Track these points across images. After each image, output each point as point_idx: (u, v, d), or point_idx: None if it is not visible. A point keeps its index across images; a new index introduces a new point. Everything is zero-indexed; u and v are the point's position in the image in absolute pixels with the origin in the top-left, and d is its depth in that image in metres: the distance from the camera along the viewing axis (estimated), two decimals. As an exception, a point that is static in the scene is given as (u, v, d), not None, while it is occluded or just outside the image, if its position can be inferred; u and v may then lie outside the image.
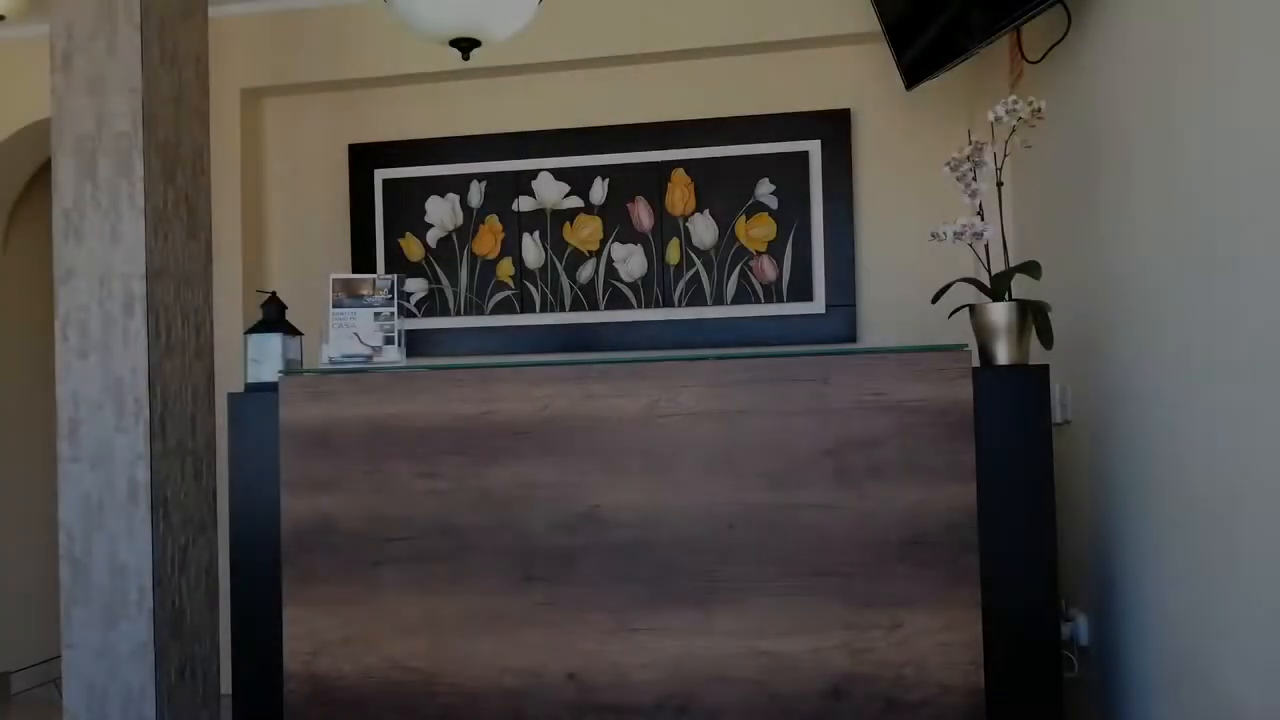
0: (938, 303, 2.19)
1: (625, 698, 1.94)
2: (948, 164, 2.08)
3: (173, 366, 2.80)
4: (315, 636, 2.05)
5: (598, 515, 1.96)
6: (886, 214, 3.44)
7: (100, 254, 2.73)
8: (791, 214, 3.46)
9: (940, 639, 1.86)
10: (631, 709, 1.94)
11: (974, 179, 2.05)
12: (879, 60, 3.36)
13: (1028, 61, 2.74)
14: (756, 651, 1.91)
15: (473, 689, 1.99)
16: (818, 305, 3.44)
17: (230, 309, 3.60)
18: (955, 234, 2.01)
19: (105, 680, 2.68)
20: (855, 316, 3.42)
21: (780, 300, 3.46)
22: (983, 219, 2.03)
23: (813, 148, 3.46)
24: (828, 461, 1.90)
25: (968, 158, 2.06)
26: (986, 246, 2.05)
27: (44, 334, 4.37)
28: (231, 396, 2.13)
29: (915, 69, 2.91)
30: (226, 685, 3.18)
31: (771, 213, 3.47)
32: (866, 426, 1.89)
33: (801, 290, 3.45)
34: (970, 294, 2.19)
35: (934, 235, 2.05)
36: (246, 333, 2.22)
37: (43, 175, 4.22)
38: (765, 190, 3.48)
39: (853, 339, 3.41)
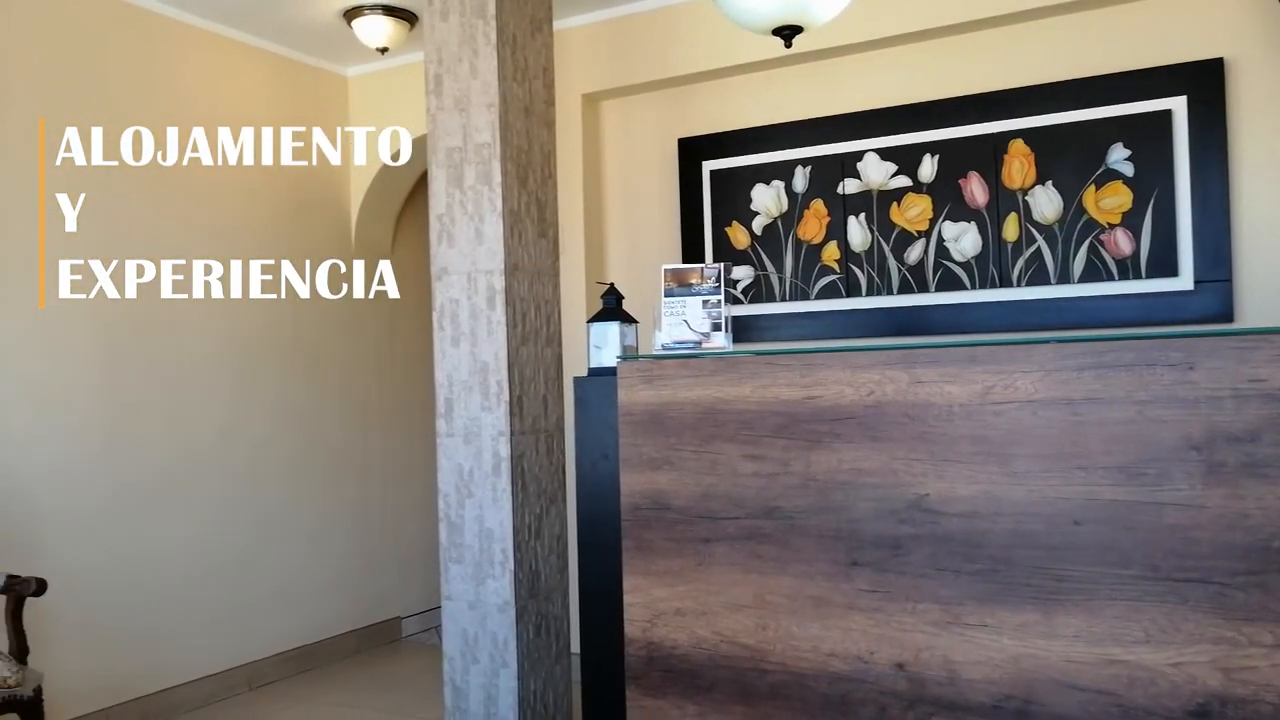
0: (1339, 275, 1.88)
1: (958, 694, 1.88)
2: (1353, 112, 1.77)
3: (528, 353, 3.10)
4: (652, 606, 2.18)
5: (927, 504, 1.91)
6: (1271, 175, 2.99)
7: (467, 253, 3.08)
8: (1151, 181, 3.12)
9: (1340, 665, 1.61)
10: (965, 706, 1.87)
11: (1389, 127, 1.73)
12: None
13: None
14: (1107, 659, 1.76)
15: (800, 669, 2.02)
16: (1184, 281, 3.08)
17: (575, 299, 3.90)
18: (1362, 193, 1.71)
19: (476, 629, 3.04)
20: (1231, 293, 3.02)
21: (1137, 277, 3.14)
22: (1401, 174, 1.71)
23: (1176, 105, 3.09)
24: (1194, 456, 1.71)
25: (1380, 102, 1.74)
26: (1406, 206, 1.73)
27: (424, 324, 5.01)
28: (577, 380, 2.31)
29: (1310, 3, 2.50)
30: (576, 644, 3.48)
31: (1126, 180, 3.15)
32: (1243, 417, 1.67)
33: (1164, 265, 3.10)
34: (1384, 263, 1.85)
35: (1333, 196, 1.76)
36: (589, 321, 2.40)
37: (420, 186, 4.82)
38: (1119, 156, 3.16)
39: (1228, 318, 3.01)
